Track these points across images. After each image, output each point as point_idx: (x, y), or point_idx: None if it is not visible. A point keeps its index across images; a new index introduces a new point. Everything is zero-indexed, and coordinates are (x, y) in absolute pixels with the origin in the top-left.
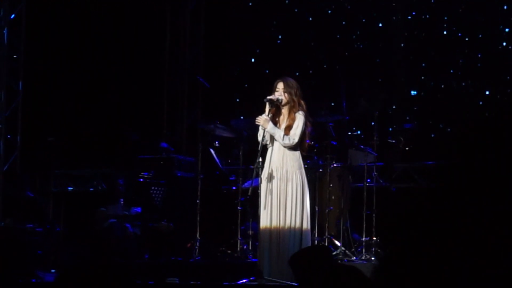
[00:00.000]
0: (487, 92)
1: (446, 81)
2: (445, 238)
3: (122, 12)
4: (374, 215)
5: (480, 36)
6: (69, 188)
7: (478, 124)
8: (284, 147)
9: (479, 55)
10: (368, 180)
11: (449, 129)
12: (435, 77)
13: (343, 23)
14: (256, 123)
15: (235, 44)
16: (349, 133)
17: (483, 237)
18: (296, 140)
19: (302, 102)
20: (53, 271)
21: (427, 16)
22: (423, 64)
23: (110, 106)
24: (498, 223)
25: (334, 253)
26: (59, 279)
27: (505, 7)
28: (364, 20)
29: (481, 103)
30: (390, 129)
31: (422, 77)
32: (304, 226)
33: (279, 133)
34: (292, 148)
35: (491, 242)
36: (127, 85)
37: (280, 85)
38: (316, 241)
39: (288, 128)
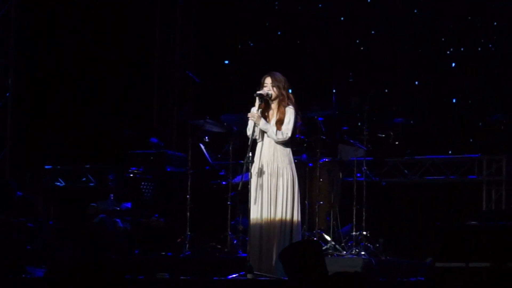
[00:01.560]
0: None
1: (438, 75)
2: None
3: (112, 7)
4: (364, 209)
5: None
6: (59, 183)
7: None
8: (277, 142)
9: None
10: (358, 175)
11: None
12: (428, 71)
13: (339, 19)
14: (250, 119)
15: (226, 39)
16: (343, 128)
17: None
18: (289, 134)
19: (290, 95)
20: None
21: (420, 12)
22: (416, 59)
23: (101, 101)
24: None
25: (324, 247)
26: (48, 274)
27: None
28: (359, 17)
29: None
30: (386, 122)
31: (416, 71)
32: (295, 221)
33: (271, 129)
34: (283, 143)
35: None
36: (118, 80)
37: (268, 80)
38: (306, 236)
39: (279, 122)
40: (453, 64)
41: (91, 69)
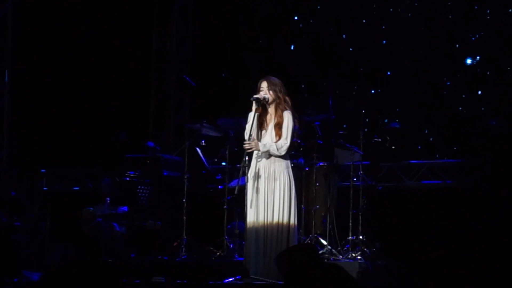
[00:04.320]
0: (480, 92)
1: (435, 79)
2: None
3: (108, 10)
4: (360, 213)
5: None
6: (56, 187)
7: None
8: (281, 154)
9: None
10: (354, 179)
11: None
12: (425, 75)
13: (331, 24)
14: (247, 150)
15: (223, 43)
16: (339, 133)
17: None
18: (289, 142)
19: (287, 98)
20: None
21: (420, 18)
22: (415, 64)
23: (97, 105)
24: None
25: (320, 252)
26: (43, 278)
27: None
28: (351, 19)
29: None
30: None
31: (412, 76)
32: (291, 224)
33: (272, 147)
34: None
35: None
36: (114, 84)
37: (264, 84)
38: (302, 240)
39: (277, 126)
40: (452, 70)
41: (88, 73)
